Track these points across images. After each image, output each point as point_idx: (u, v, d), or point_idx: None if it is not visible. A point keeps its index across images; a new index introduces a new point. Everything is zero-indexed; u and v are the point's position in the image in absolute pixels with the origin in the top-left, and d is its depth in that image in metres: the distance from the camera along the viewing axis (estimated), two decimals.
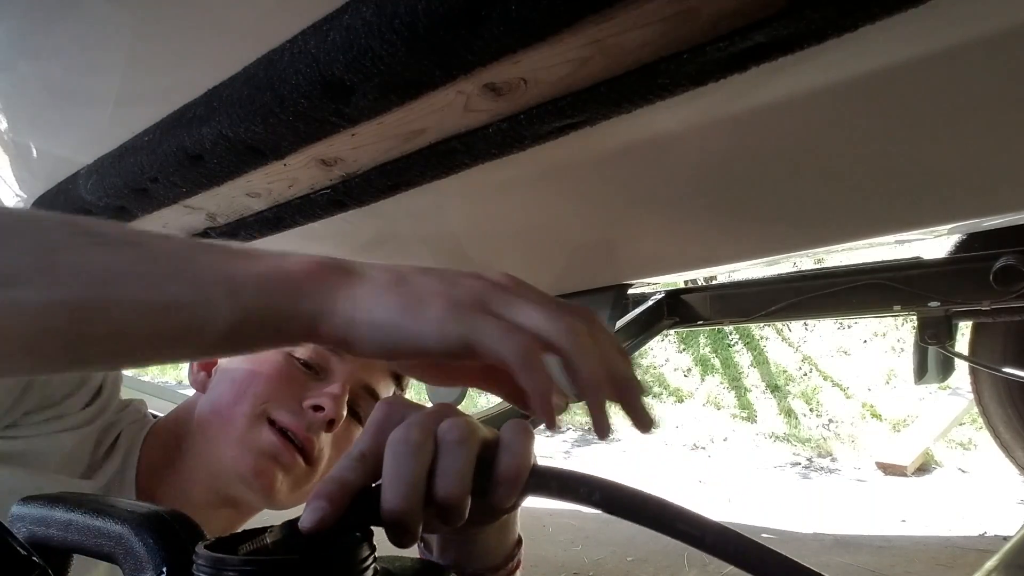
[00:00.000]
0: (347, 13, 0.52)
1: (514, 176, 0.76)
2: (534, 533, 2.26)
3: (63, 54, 0.72)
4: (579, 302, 1.06)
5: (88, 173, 0.87)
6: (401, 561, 0.37)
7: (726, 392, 4.19)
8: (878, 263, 1.40)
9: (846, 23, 0.44)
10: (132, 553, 0.32)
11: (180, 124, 0.70)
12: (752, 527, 2.21)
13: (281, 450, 0.65)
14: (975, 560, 1.82)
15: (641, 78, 0.51)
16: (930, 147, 0.62)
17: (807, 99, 0.58)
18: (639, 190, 0.78)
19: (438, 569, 0.41)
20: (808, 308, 1.46)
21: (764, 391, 4.05)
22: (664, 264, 0.98)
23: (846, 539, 2.04)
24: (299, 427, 0.66)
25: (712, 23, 0.45)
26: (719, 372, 4.32)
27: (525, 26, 0.46)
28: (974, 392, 2.17)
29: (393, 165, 0.70)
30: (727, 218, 0.80)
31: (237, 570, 0.29)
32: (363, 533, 0.32)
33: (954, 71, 0.52)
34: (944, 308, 1.34)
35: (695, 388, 4.35)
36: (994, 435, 2.18)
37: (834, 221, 0.76)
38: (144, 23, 0.65)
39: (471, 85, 0.55)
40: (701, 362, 4.46)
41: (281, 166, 0.71)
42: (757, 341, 4.30)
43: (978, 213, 0.72)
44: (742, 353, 4.32)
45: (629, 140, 0.67)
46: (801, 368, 4.01)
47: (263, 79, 0.60)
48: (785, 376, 4.03)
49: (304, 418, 0.66)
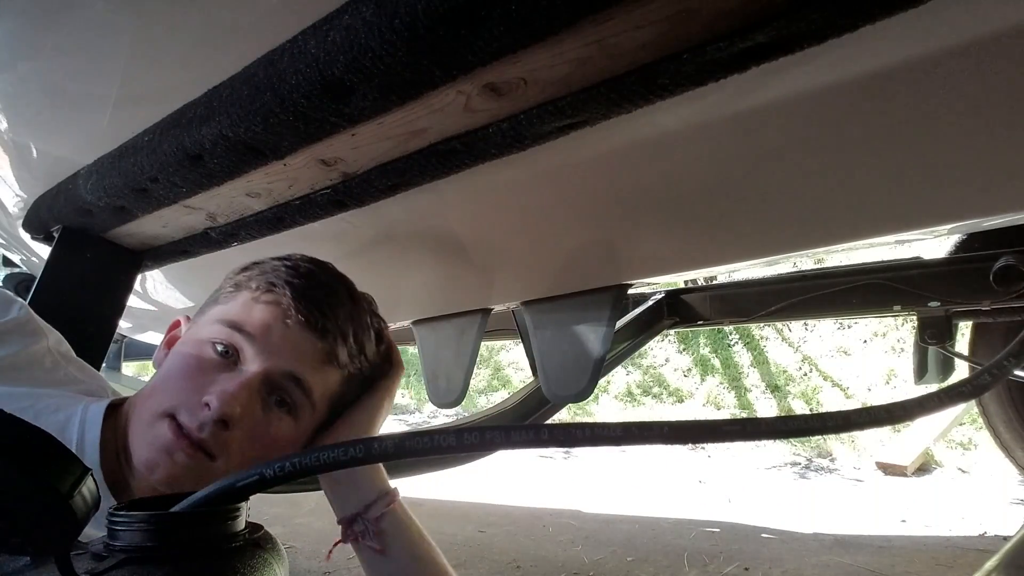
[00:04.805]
0: (347, 13, 0.52)
1: (514, 176, 0.76)
2: (534, 533, 2.26)
3: (63, 54, 0.72)
4: (579, 302, 1.06)
5: (88, 173, 0.87)
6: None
7: (726, 392, 4.19)
8: (878, 263, 1.40)
9: (846, 23, 0.44)
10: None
11: (180, 124, 0.70)
12: (752, 527, 2.22)
13: (174, 446, 0.64)
14: (975, 560, 1.82)
15: (641, 78, 0.51)
16: (930, 147, 0.62)
17: (807, 99, 0.58)
18: (639, 190, 0.78)
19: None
20: (808, 308, 1.46)
21: (764, 391, 4.05)
22: (664, 264, 0.98)
23: (846, 539, 2.04)
24: (192, 427, 0.65)
25: (712, 23, 0.45)
26: (719, 372, 4.32)
27: (525, 26, 0.46)
28: None
29: (393, 165, 0.70)
30: (727, 218, 0.80)
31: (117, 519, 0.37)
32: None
33: (954, 71, 0.52)
34: (944, 308, 1.34)
35: (695, 388, 4.35)
36: (994, 435, 2.18)
37: (834, 221, 0.76)
38: (144, 23, 0.65)
39: (471, 85, 0.55)
40: (701, 362, 4.46)
41: (281, 166, 0.71)
42: (757, 341, 4.30)
43: (978, 213, 0.71)
44: (742, 353, 4.32)
45: (629, 140, 0.67)
46: (801, 368, 4.01)
47: (263, 79, 0.60)
48: (785, 376, 4.03)
49: (199, 417, 0.65)
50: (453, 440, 0.39)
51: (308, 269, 0.74)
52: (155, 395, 0.68)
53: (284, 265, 0.74)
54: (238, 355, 0.69)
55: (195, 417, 0.65)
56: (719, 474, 3.20)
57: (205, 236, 0.97)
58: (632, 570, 1.85)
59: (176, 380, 0.68)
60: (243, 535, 0.40)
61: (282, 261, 0.75)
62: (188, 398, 0.66)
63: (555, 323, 1.09)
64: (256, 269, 0.75)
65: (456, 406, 1.26)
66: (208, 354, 0.69)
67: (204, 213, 0.89)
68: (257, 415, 0.68)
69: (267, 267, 0.74)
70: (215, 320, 0.71)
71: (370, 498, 0.72)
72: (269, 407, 0.69)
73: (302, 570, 1.87)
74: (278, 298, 0.70)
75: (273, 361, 0.68)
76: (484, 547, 2.08)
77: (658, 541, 2.11)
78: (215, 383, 0.67)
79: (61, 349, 0.78)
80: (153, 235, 1.01)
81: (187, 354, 0.70)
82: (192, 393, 0.66)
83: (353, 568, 1.83)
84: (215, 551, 0.38)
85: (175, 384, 0.68)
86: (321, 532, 2.22)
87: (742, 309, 1.57)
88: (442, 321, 1.29)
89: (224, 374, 0.68)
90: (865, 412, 0.42)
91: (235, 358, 0.69)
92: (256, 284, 0.72)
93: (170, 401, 0.67)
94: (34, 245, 1.20)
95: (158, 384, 0.70)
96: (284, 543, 0.48)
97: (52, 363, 0.75)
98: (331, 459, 0.38)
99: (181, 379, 0.68)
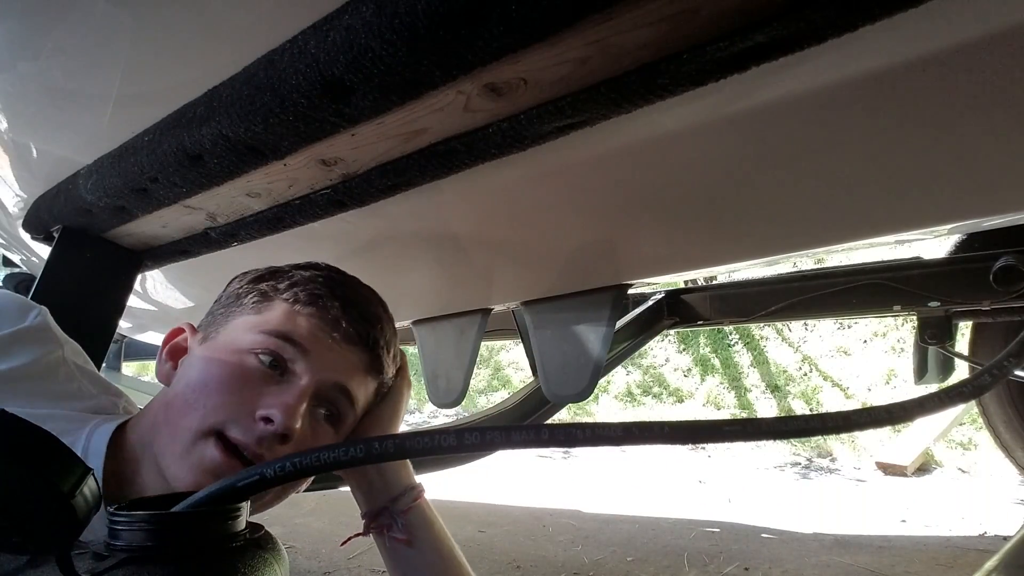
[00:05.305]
0: (347, 13, 0.52)
1: (514, 176, 0.76)
2: (534, 533, 2.26)
3: (63, 54, 0.72)
4: (579, 302, 1.06)
5: (88, 173, 0.87)
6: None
7: (726, 392, 4.19)
8: (878, 263, 1.40)
9: (846, 23, 0.44)
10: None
11: (180, 124, 0.70)
12: (752, 527, 2.22)
13: (224, 468, 0.60)
14: (975, 560, 1.82)
15: (641, 78, 0.51)
16: (930, 147, 0.62)
17: (807, 99, 0.58)
18: (639, 190, 0.78)
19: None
20: (808, 308, 1.46)
21: (764, 391, 4.06)
22: (664, 264, 0.98)
23: (846, 539, 2.04)
24: (249, 443, 0.61)
25: (712, 23, 0.45)
26: (719, 372, 4.32)
27: (525, 26, 0.46)
28: None
29: (393, 165, 0.70)
30: (727, 218, 0.80)
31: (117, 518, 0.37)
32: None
33: (954, 71, 0.52)
34: (944, 308, 1.34)
35: (695, 388, 4.35)
36: (994, 435, 2.18)
37: (834, 221, 0.76)
38: (144, 23, 0.65)
39: (471, 85, 0.55)
40: (701, 362, 4.46)
41: (281, 166, 0.71)
42: (757, 341, 4.30)
43: (978, 213, 0.71)
44: (742, 353, 4.32)
45: (629, 140, 0.67)
46: (801, 368, 4.01)
47: (263, 79, 0.60)
48: (785, 376, 4.03)
49: (255, 432, 0.62)
50: (453, 440, 0.39)
51: (344, 279, 0.74)
52: (190, 411, 0.63)
53: (319, 275, 0.72)
54: (285, 366, 0.66)
55: (251, 432, 0.61)
56: (719, 474, 3.20)
57: (205, 236, 0.97)
58: (632, 570, 1.85)
59: (219, 394, 0.63)
60: (243, 535, 0.40)
61: (312, 271, 0.73)
62: (238, 412, 0.62)
63: (555, 323, 1.09)
64: (285, 279, 0.72)
65: (456, 406, 1.26)
66: (252, 364, 0.65)
67: (204, 213, 0.89)
68: (307, 427, 0.65)
69: (299, 277, 0.72)
70: (254, 329, 0.68)
71: (398, 491, 0.73)
72: (317, 419, 0.67)
73: (302, 570, 1.87)
74: (324, 311, 0.69)
75: (326, 373, 0.66)
76: (484, 547, 2.08)
77: (658, 541, 2.11)
78: (267, 395, 0.63)
79: (77, 360, 0.75)
80: (153, 235, 1.01)
81: (227, 363, 0.65)
82: (241, 406, 0.62)
83: (353, 568, 1.83)
84: (215, 551, 0.38)
85: (219, 398, 0.63)
86: (321, 532, 2.22)
87: (742, 309, 1.57)
88: (442, 321, 1.29)
89: (274, 386, 0.64)
90: (865, 412, 0.42)
91: (282, 369, 0.66)
92: (294, 296, 0.70)
93: (216, 417, 0.62)
94: (34, 245, 1.20)
95: (191, 398, 0.64)
96: (284, 543, 0.48)
97: (66, 375, 0.72)
98: (331, 459, 0.39)
99: (225, 393, 0.63)
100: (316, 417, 0.67)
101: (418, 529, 0.72)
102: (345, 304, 0.70)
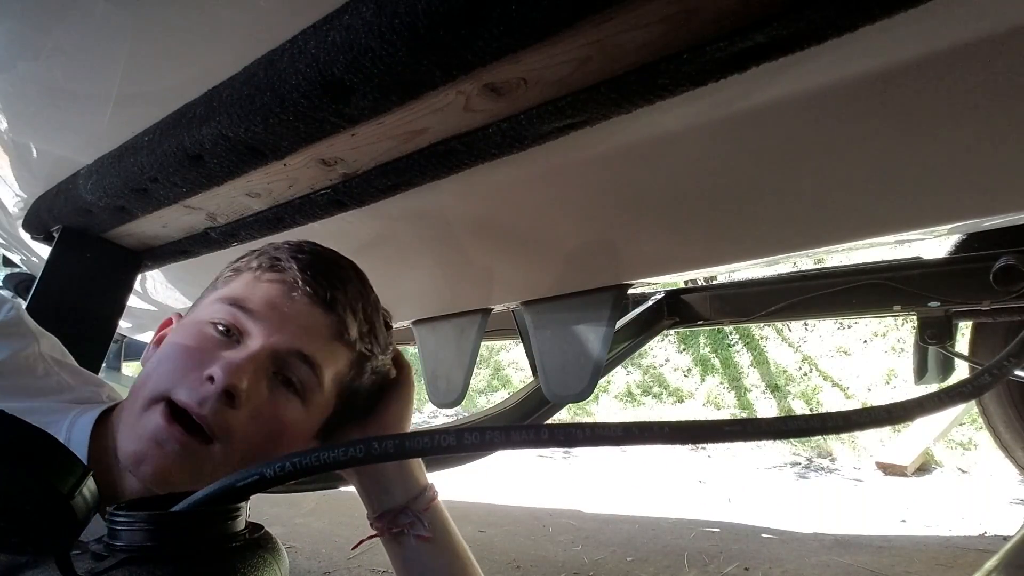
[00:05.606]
0: (347, 13, 0.52)
1: (514, 176, 0.76)
2: (534, 533, 2.26)
3: (63, 54, 0.72)
4: (579, 302, 1.06)
5: (88, 173, 0.87)
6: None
7: (726, 392, 4.19)
8: (878, 263, 1.40)
9: (846, 23, 0.44)
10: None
11: (180, 124, 0.70)
12: (752, 527, 2.22)
13: (164, 432, 0.59)
14: (975, 560, 1.81)
15: (641, 78, 0.51)
16: (930, 147, 0.62)
17: (807, 99, 0.58)
18: (639, 190, 0.78)
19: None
20: (808, 308, 1.46)
21: (764, 391, 4.05)
22: (664, 264, 0.98)
23: (846, 539, 2.04)
24: (192, 403, 0.59)
25: (712, 23, 0.45)
26: (719, 372, 4.32)
27: (525, 26, 0.46)
28: None
29: (393, 165, 0.70)
30: (727, 218, 0.80)
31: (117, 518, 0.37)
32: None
33: (954, 71, 0.52)
34: (944, 308, 1.34)
35: (695, 388, 4.35)
36: (994, 435, 2.18)
37: (834, 221, 0.76)
38: (144, 23, 0.65)
39: (471, 85, 0.55)
40: (701, 362, 4.46)
41: (281, 166, 0.71)
42: (757, 341, 4.30)
43: (978, 213, 0.71)
44: (742, 353, 4.32)
45: (629, 140, 0.67)
46: (801, 368, 4.01)
47: (263, 79, 0.60)
48: (785, 376, 4.03)
49: (199, 393, 0.59)
50: (453, 440, 0.39)
51: (312, 247, 0.72)
52: (147, 383, 0.62)
53: (287, 244, 0.71)
54: (240, 334, 0.64)
55: (195, 392, 0.60)
56: (719, 474, 3.20)
57: (205, 236, 0.97)
58: (632, 570, 1.85)
59: (171, 361, 0.63)
60: (243, 535, 0.40)
61: (284, 242, 0.72)
62: (186, 377, 0.61)
63: (555, 323, 1.09)
64: (256, 252, 0.72)
65: (456, 406, 1.26)
66: (208, 333, 0.64)
67: (204, 213, 0.89)
68: (263, 394, 0.63)
69: (268, 248, 0.71)
70: (215, 302, 0.67)
71: (415, 491, 0.72)
72: (276, 386, 0.64)
73: (302, 570, 1.87)
74: (283, 274, 0.67)
75: (279, 336, 0.63)
76: (484, 547, 2.08)
77: (658, 541, 2.11)
78: (218, 359, 0.61)
79: (54, 354, 0.73)
80: (153, 235, 1.01)
81: (186, 335, 0.64)
82: (190, 372, 0.61)
83: (353, 568, 1.83)
84: (215, 551, 0.38)
85: (170, 365, 0.62)
86: (321, 532, 2.22)
87: (742, 309, 1.57)
88: (442, 321, 1.29)
89: (227, 351, 0.62)
90: (865, 412, 0.42)
91: (237, 337, 0.64)
92: (258, 263, 0.69)
93: (165, 383, 0.61)
94: (34, 245, 1.20)
95: (149, 371, 0.64)
96: (284, 543, 0.48)
97: (44, 370, 0.70)
98: (331, 459, 0.39)
99: (178, 360, 0.62)
100: (276, 385, 0.64)
101: (436, 528, 0.71)
102: (304, 266, 0.67)
